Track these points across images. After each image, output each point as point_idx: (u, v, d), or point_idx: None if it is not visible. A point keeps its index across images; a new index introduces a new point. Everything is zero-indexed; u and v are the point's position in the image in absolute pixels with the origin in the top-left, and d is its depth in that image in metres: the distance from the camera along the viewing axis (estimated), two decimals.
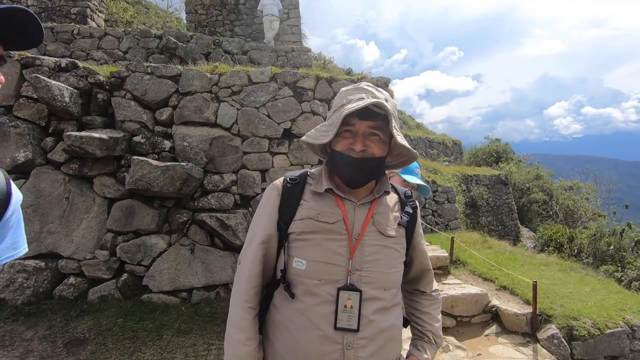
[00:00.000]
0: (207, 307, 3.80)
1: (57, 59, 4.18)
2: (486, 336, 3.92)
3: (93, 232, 3.83)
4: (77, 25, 7.79)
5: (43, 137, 3.83)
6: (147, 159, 3.71)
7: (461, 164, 15.47)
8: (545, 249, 11.04)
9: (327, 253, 1.05)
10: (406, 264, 1.22)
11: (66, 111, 3.75)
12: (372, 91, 1.07)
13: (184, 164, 3.79)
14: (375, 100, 1.01)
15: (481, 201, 12.13)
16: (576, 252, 10.23)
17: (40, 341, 3.13)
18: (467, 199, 11.61)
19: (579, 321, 3.71)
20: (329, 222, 1.07)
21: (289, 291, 1.06)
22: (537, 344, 3.66)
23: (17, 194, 0.83)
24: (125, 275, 3.83)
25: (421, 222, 1.31)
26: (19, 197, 0.84)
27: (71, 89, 3.85)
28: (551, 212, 16.08)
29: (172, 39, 7.53)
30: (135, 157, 3.69)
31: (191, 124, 4.18)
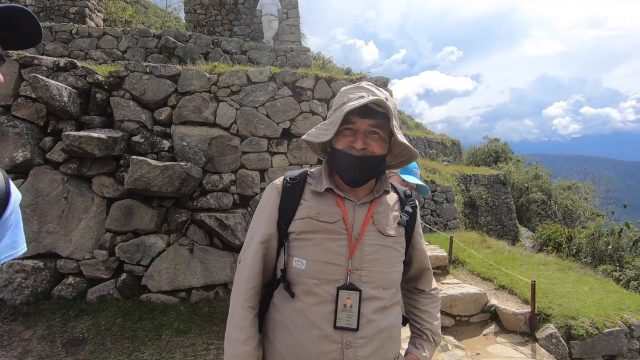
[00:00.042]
0: (206, 306, 3.80)
1: (55, 58, 4.17)
2: (485, 335, 3.93)
3: (92, 232, 3.82)
4: (76, 25, 7.78)
5: (41, 137, 3.82)
6: (146, 158, 3.70)
7: (460, 164, 15.50)
8: (544, 248, 11.06)
9: (327, 252, 1.05)
10: (405, 263, 1.22)
11: (65, 111, 3.74)
12: (373, 90, 1.07)
13: (182, 163, 3.79)
14: (376, 98, 1.01)
15: (480, 201, 12.15)
16: (574, 251, 10.24)
17: (39, 341, 3.13)
18: (466, 199, 11.62)
19: (577, 320, 3.72)
20: (328, 222, 1.07)
21: (289, 290, 1.06)
22: (536, 343, 3.67)
23: (16, 193, 0.83)
24: (124, 275, 3.83)
25: (420, 222, 1.31)
26: (17, 196, 0.84)
27: (70, 88, 3.84)
28: (550, 212, 16.12)
29: (171, 38, 7.52)
30: (134, 156, 3.69)
31: (190, 123, 4.18)
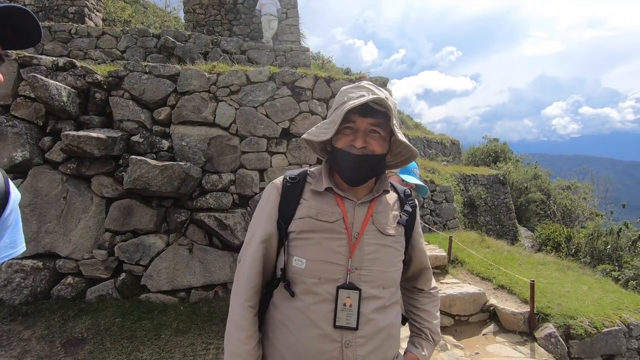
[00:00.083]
0: (205, 306, 3.80)
1: (54, 58, 4.16)
2: (484, 335, 3.94)
3: (91, 232, 3.82)
4: (75, 25, 7.77)
5: (40, 137, 3.82)
6: (145, 158, 3.70)
7: (459, 164, 15.51)
8: (543, 248, 11.08)
9: (327, 252, 1.05)
10: (405, 262, 1.22)
11: (64, 110, 3.74)
12: (373, 89, 1.07)
13: (182, 163, 3.78)
14: (376, 97, 1.01)
15: (479, 201, 12.16)
16: (573, 251, 10.26)
17: (38, 341, 3.12)
18: (465, 199, 11.63)
19: (576, 320, 3.73)
20: (328, 221, 1.07)
21: (289, 290, 1.06)
22: (535, 343, 3.67)
23: (15, 192, 0.83)
24: (123, 275, 3.83)
25: (420, 222, 1.31)
26: (17, 195, 0.84)
27: (69, 88, 3.84)
28: (549, 212, 16.14)
29: (170, 38, 7.52)
30: (134, 156, 3.68)
31: (189, 123, 4.17)
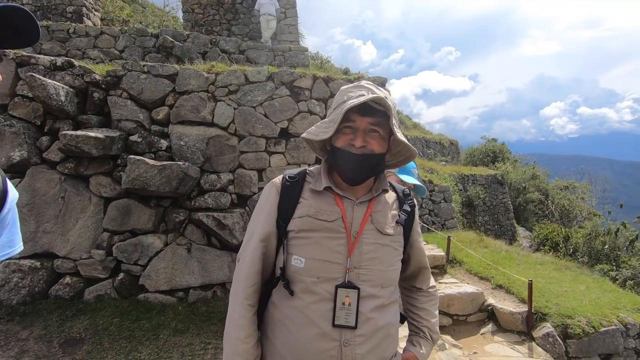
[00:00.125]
0: (204, 306, 3.80)
1: (52, 57, 4.15)
2: (482, 335, 3.95)
3: (89, 232, 3.81)
4: (73, 24, 7.75)
5: (38, 136, 3.81)
6: (144, 158, 3.70)
7: (458, 164, 15.54)
8: (541, 248, 11.10)
9: (326, 251, 1.06)
10: (403, 261, 1.22)
11: (62, 110, 3.73)
12: (372, 89, 1.07)
13: (180, 163, 3.78)
14: (376, 96, 1.02)
15: (478, 201, 12.18)
16: (571, 251, 10.28)
17: (35, 341, 3.11)
18: (463, 199, 11.65)
19: (573, 319, 3.74)
20: (327, 220, 1.07)
21: (288, 289, 1.06)
22: (533, 342, 3.68)
23: (13, 192, 0.83)
24: (121, 275, 3.82)
25: (418, 221, 1.32)
26: (15, 195, 0.84)
27: (67, 87, 3.83)
28: (547, 212, 16.16)
29: (169, 38, 7.50)
30: (132, 156, 3.68)
31: (188, 123, 4.17)
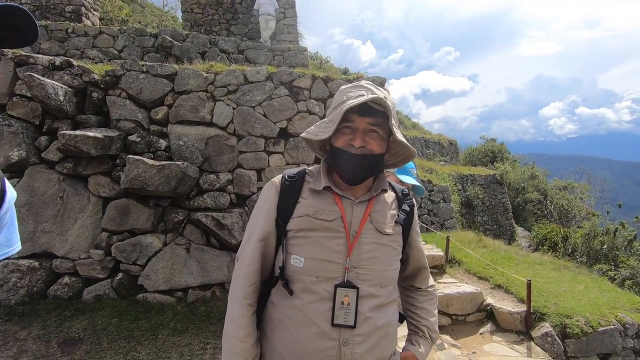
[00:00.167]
0: (202, 306, 3.79)
1: (51, 57, 4.14)
2: (481, 334, 3.95)
3: (88, 232, 3.80)
4: (72, 24, 7.73)
5: (37, 136, 3.80)
6: (143, 158, 3.69)
7: (457, 164, 15.55)
8: (540, 248, 11.11)
9: (325, 250, 1.06)
10: (402, 261, 1.22)
11: (60, 110, 3.72)
12: (372, 89, 1.07)
13: (179, 163, 3.77)
14: (375, 96, 1.02)
15: (476, 201, 12.20)
16: (570, 251, 10.30)
17: (34, 341, 3.11)
18: (462, 199, 11.66)
19: (572, 319, 3.75)
20: (327, 220, 1.07)
21: (287, 288, 1.06)
22: (531, 342, 3.69)
23: (11, 191, 0.83)
24: (120, 275, 3.81)
25: (417, 221, 1.32)
26: (13, 194, 0.83)
27: (65, 87, 3.82)
28: (546, 212, 16.19)
29: (168, 37, 7.49)
30: (131, 156, 3.67)
31: (187, 123, 4.16)
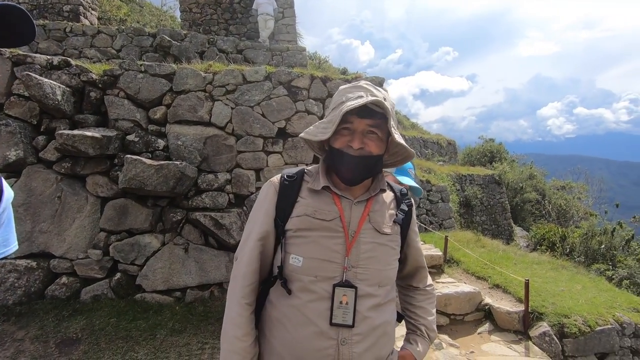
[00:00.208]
0: (201, 306, 3.79)
1: (49, 56, 4.13)
2: (479, 334, 3.96)
3: (86, 232, 3.79)
4: (70, 23, 7.70)
5: (35, 136, 3.79)
6: (141, 157, 3.68)
7: (455, 164, 15.57)
8: (538, 247, 11.15)
9: (324, 250, 1.06)
10: (401, 260, 1.23)
11: (58, 109, 3.71)
12: (371, 90, 1.08)
13: (177, 162, 3.77)
14: (374, 99, 1.02)
15: (475, 200, 12.22)
16: (568, 251, 10.33)
17: (32, 341, 3.10)
18: (461, 199, 11.68)
19: (570, 319, 3.76)
20: (325, 220, 1.07)
21: (285, 287, 1.06)
22: (529, 342, 3.70)
23: (9, 191, 0.83)
24: (118, 275, 3.81)
25: (416, 221, 1.32)
26: (10, 194, 0.83)
27: (63, 87, 3.81)
28: (544, 212, 16.23)
29: (166, 37, 7.48)
30: (129, 156, 3.66)
31: (185, 122, 4.16)
